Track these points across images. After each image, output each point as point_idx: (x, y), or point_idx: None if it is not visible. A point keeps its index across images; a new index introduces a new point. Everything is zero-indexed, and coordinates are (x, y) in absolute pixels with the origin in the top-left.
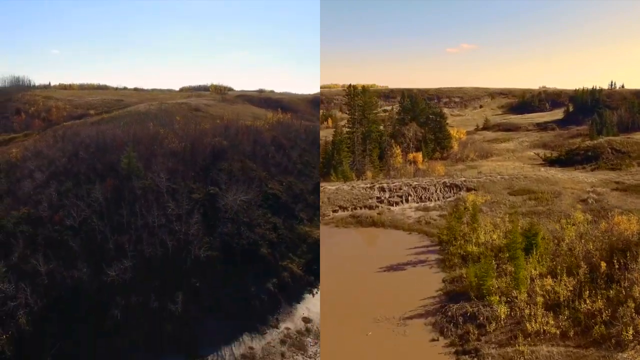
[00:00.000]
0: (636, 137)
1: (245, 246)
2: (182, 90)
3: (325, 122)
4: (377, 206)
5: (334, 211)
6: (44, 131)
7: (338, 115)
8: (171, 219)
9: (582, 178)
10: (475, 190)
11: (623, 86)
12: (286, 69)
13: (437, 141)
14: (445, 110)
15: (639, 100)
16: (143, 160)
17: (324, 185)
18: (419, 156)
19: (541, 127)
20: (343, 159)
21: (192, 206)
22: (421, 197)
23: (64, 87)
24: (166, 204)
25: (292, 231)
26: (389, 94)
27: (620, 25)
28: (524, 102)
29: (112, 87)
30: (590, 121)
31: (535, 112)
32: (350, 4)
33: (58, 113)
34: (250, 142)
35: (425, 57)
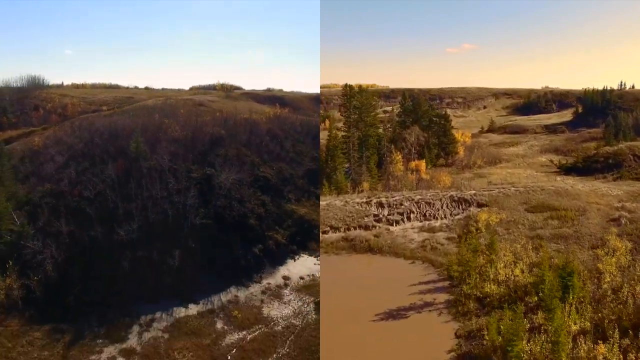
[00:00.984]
0: None
1: (235, 217)
2: (192, 89)
3: (322, 124)
4: (374, 226)
5: (324, 232)
6: (60, 124)
7: (336, 116)
8: (172, 193)
9: (606, 190)
10: (487, 205)
11: (633, 86)
12: (294, 68)
13: (441, 146)
14: (447, 111)
15: None
16: (149, 145)
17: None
18: (421, 164)
19: (550, 129)
20: (338, 166)
21: (190, 183)
22: (425, 215)
23: (76, 87)
24: (168, 180)
25: (279, 208)
26: (389, 94)
27: (621, 25)
28: (530, 102)
29: (123, 86)
30: (603, 124)
31: (541, 113)
32: (350, 4)
33: (73, 109)
34: (246, 132)
35: (425, 57)
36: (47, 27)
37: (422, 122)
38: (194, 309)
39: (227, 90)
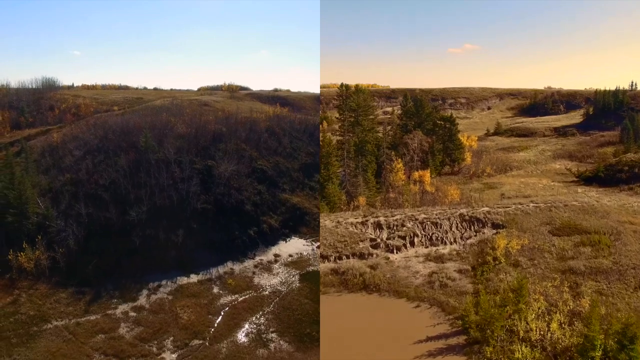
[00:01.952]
0: None
1: (233, 203)
2: (200, 89)
3: (322, 125)
4: (370, 254)
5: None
6: (76, 122)
7: (334, 118)
8: (177, 181)
9: (637, 206)
10: (503, 226)
11: None
12: (299, 68)
13: (446, 152)
14: (450, 112)
15: None
16: (157, 140)
17: None
18: (426, 175)
19: (559, 132)
20: (332, 175)
21: (193, 173)
22: (431, 238)
23: (87, 87)
24: (173, 170)
25: (274, 196)
26: (390, 95)
27: (626, 26)
28: (536, 103)
29: (132, 87)
30: (619, 127)
31: (548, 114)
32: (351, 3)
33: (86, 109)
34: (246, 129)
35: (427, 57)
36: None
37: (425, 125)
38: (194, 278)
39: (232, 91)
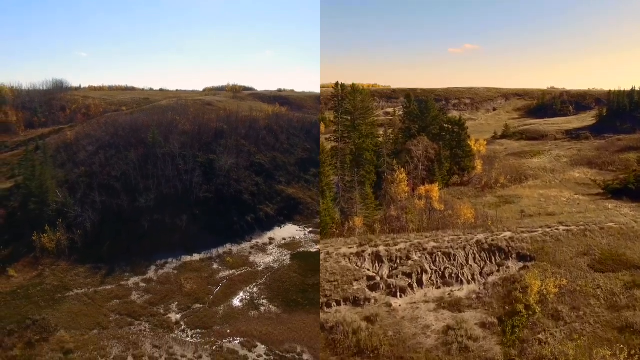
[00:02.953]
0: None
1: (232, 193)
2: (205, 90)
3: (321, 127)
4: (367, 299)
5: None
6: (87, 122)
7: (330, 120)
8: (181, 172)
9: None
10: (532, 258)
11: None
12: (302, 68)
13: (454, 160)
14: (454, 113)
15: None
16: (163, 136)
17: None
18: (433, 190)
19: (572, 135)
20: (325, 188)
21: (196, 165)
22: (443, 274)
23: (94, 89)
24: (178, 163)
25: (270, 188)
26: (391, 95)
27: (622, 27)
28: (544, 104)
29: (139, 88)
30: (638, 130)
31: (557, 116)
32: (351, 3)
33: (96, 109)
34: (246, 127)
35: (427, 56)
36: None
37: (431, 130)
38: (196, 257)
39: (235, 91)
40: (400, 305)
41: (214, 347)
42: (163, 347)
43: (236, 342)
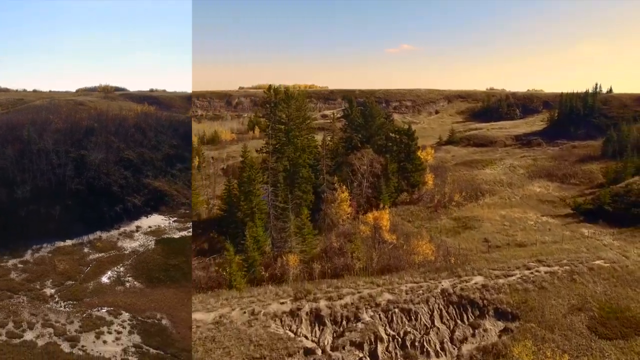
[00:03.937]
0: None
1: (102, 185)
2: (78, 91)
3: (251, 132)
4: None
5: None
6: None
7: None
8: (55, 167)
9: None
10: (514, 316)
11: (611, 90)
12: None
13: (403, 175)
14: (396, 117)
15: None
16: (37, 133)
17: (195, 315)
18: (383, 217)
19: (522, 141)
20: (255, 210)
21: (69, 160)
22: (404, 342)
23: None
24: (52, 158)
25: (137, 181)
26: (328, 96)
27: (573, 25)
28: (489, 107)
29: (12, 89)
30: (598, 137)
31: (503, 119)
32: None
33: None
34: (115, 125)
35: (363, 56)
36: None
37: (376, 140)
38: (69, 242)
39: (107, 92)
40: None
41: (84, 315)
42: (39, 315)
43: (103, 310)
